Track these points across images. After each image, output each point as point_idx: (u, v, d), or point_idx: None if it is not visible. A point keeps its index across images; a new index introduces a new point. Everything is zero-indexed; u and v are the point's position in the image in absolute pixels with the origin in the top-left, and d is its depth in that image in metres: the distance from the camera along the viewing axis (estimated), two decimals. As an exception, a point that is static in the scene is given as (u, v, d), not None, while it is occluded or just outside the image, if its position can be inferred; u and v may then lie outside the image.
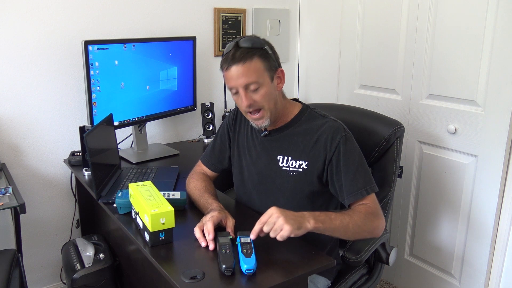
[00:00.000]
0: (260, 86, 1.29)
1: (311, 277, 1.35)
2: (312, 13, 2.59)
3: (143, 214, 1.22)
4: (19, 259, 1.66)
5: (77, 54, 1.89)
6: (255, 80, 1.28)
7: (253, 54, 1.27)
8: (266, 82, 1.30)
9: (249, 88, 1.29)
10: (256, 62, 1.28)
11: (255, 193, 1.47)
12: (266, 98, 1.31)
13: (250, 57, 1.27)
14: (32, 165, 1.98)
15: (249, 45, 1.28)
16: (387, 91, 2.18)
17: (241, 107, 1.34)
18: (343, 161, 1.31)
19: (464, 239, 1.93)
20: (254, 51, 1.28)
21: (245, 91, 1.29)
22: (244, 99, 1.29)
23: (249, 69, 1.27)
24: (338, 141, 1.32)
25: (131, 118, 1.97)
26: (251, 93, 1.30)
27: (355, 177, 1.31)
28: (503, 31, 1.66)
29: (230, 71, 1.28)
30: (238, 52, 1.27)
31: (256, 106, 1.31)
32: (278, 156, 1.40)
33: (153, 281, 1.47)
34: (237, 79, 1.28)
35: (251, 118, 1.35)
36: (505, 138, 1.72)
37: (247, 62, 1.26)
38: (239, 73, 1.27)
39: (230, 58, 1.28)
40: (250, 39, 1.30)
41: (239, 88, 1.29)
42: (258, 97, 1.30)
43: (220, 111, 2.44)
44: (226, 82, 1.34)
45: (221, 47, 2.42)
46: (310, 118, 1.40)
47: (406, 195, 2.17)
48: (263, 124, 1.34)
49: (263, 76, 1.29)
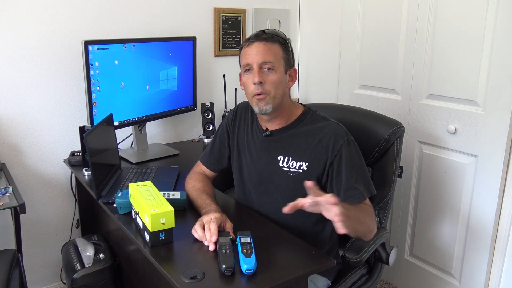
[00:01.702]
0: (274, 69, 1.32)
1: (311, 277, 1.35)
2: (312, 13, 2.59)
3: (143, 214, 1.22)
4: (19, 259, 1.65)
5: (77, 54, 1.89)
6: (272, 61, 1.32)
7: (276, 40, 1.34)
8: (280, 70, 1.34)
9: (264, 68, 1.32)
10: (277, 47, 1.33)
11: (254, 193, 1.47)
12: (276, 84, 1.33)
13: (273, 41, 1.33)
14: (32, 165, 1.98)
15: (275, 33, 1.35)
16: (387, 91, 2.18)
17: (249, 87, 1.35)
18: (345, 166, 1.32)
19: (464, 239, 1.93)
20: (278, 38, 1.35)
21: (259, 69, 1.32)
22: (257, 75, 1.31)
23: (270, 49, 1.32)
24: (341, 145, 1.33)
25: (131, 118, 1.97)
26: (264, 73, 1.32)
27: (356, 181, 1.32)
28: (503, 31, 1.66)
29: (251, 47, 1.33)
30: (263, 34, 1.34)
31: (264, 89, 1.32)
32: (278, 156, 1.40)
33: (153, 281, 1.47)
34: (256, 55, 1.31)
35: (255, 99, 1.35)
36: (505, 138, 1.72)
37: (269, 43, 1.32)
38: (259, 50, 1.31)
39: (253, 36, 1.34)
40: (275, 30, 1.38)
41: (253, 65, 1.32)
42: (269, 79, 1.32)
43: (220, 111, 2.44)
44: (242, 60, 1.37)
45: (221, 47, 2.42)
46: (312, 120, 1.41)
47: (406, 195, 2.17)
48: (264, 107, 1.34)
49: (279, 62, 1.34)
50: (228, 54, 2.46)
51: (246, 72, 1.35)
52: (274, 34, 1.35)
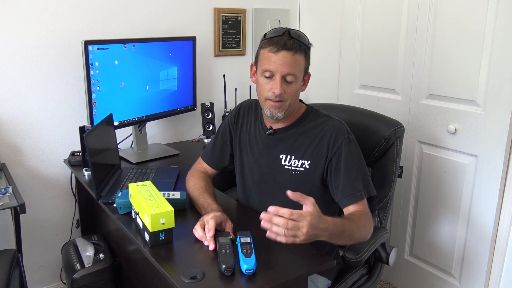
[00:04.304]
0: (295, 81, 1.31)
1: (311, 277, 1.35)
2: (312, 13, 2.58)
3: (143, 214, 1.22)
4: (19, 259, 1.65)
5: (77, 54, 1.89)
6: (296, 73, 1.30)
7: (302, 50, 1.30)
8: (300, 80, 1.34)
9: (286, 78, 1.30)
10: (302, 57, 1.30)
11: (254, 191, 1.48)
12: (294, 94, 1.33)
13: (300, 51, 1.29)
14: (32, 165, 1.98)
15: (301, 39, 1.30)
16: (387, 91, 2.18)
17: (266, 92, 1.32)
18: (344, 164, 1.32)
19: (464, 239, 1.93)
20: (304, 47, 1.31)
21: (282, 80, 1.29)
22: (279, 87, 1.29)
23: (296, 61, 1.29)
24: (341, 142, 1.33)
25: (131, 118, 1.97)
26: (285, 84, 1.30)
27: (355, 180, 1.32)
28: (503, 31, 1.66)
29: (278, 55, 1.27)
30: (291, 41, 1.28)
31: (283, 97, 1.31)
32: (281, 155, 1.40)
33: (153, 281, 1.47)
34: (283, 65, 1.27)
35: (271, 104, 1.33)
36: (505, 138, 1.72)
37: (297, 54, 1.28)
38: (286, 61, 1.27)
39: (282, 43, 1.27)
40: (300, 33, 1.32)
41: (277, 74, 1.29)
42: (289, 90, 1.31)
43: (220, 111, 2.44)
44: (263, 63, 1.31)
45: (221, 47, 2.42)
46: (314, 118, 1.41)
47: (406, 195, 2.17)
48: (279, 114, 1.34)
49: (301, 72, 1.32)
50: (228, 54, 2.46)
51: (266, 77, 1.32)
52: (301, 42, 1.30)
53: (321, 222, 1.08)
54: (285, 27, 1.37)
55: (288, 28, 1.32)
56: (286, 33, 1.30)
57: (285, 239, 1.03)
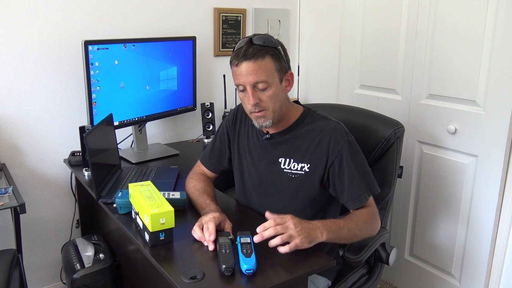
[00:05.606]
0: (268, 86, 1.27)
1: (311, 277, 1.35)
2: (312, 13, 2.58)
3: (143, 214, 1.22)
4: (19, 259, 1.66)
5: (77, 54, 1.89)
6: (265, 79, 1.25)
7: (265, 53, 1.25)
8: (275, 82, 1.28)
9: (257, 86, 1.27)
10: (267, 61, 1.25)
11: (254, 195, 1.47)
12: (273, 99, 1.29)
13: (262, 55, 1.25)
14: (32, 165, 1.98)
15: (263, 43, 1.26)
16: (387, 91, 2.18)
17: (246, 105, 1.32)
18: (346, 167, 1.31)
19: (464, 239, 1.93)
20: (267, 49, 1.26)
21: (253, 90, 1.27)
22: (251, 98, 1.27)
23: (260, 67, 1.24)
24: (341, 145, 1.31)
25: (131, 118, 1.97)
26: (259, 92, 1.28)
27: (359, 182, 1.32)
28: (503, 31, 1.66)
29: (240, 67, 1.26)
30: (250, 49, 1.24)
31: (262, 106, 1.29)
32: (280, 158, 1.39)
33: (153, 281, 1.47)
34: (247, 76, 1.25)
35: (254, 116, 1.33)
36: (505, 138, 1.72)
37: (259, 60, 1.24)
38: (250, 70, 1.25)
39: (241, 54, 1.25)
40: (264, 37, 1.28)
41: (247, 86, 1.27)
42: (265, 97, 1.28)
43: (220, 111, 2.44)
44: (234, 78, 1.31)
45: (221, 47, 2.42)
46: (312, 120, 1.39)
47: (406, 195, 2.17)
48: (264, 123, 1.32)
49: (272, 76, 1.27)
50: (228, 54, 2.45)
51: (240, 91, 1.31)
52: (262, 46, 1.25)
53: (304, 220, 1.17)
54: (252, 34, 1.33)
55: (252, 35, 1.29)
56: (247, 41, 1.27)
57: (281, 239, 1.12)
